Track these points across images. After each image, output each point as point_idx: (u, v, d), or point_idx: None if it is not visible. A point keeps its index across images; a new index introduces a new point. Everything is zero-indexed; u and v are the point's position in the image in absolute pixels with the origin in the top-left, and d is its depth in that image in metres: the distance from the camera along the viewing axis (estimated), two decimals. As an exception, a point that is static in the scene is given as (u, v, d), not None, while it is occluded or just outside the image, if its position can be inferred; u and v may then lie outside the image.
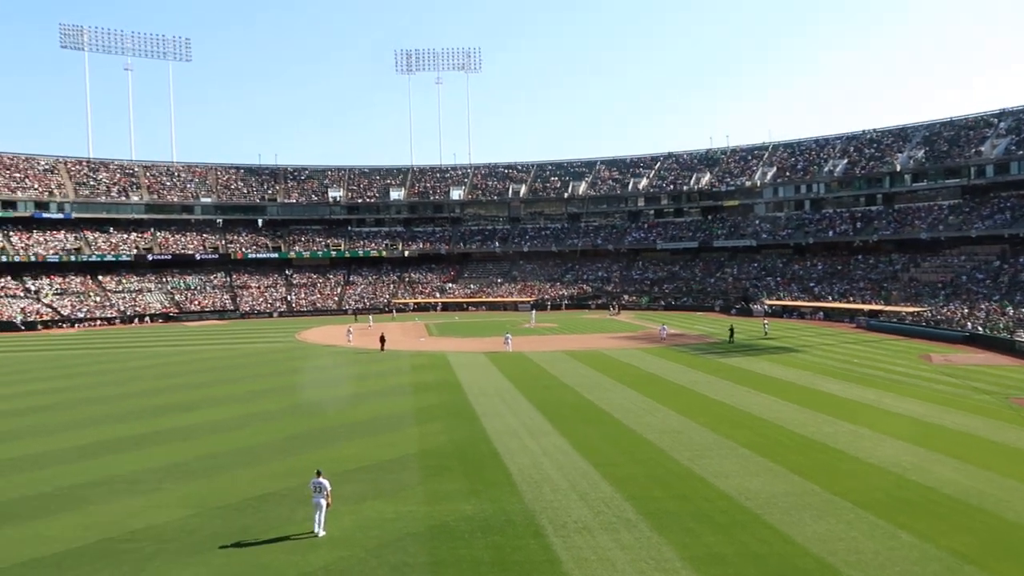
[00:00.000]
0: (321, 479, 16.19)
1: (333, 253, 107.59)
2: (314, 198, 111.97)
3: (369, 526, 16.43)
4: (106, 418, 29.44)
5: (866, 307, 69.16)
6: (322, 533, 15.84)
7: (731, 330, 55.03)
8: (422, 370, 41.73)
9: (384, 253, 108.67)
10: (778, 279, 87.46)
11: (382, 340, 52.30)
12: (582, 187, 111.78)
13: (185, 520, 17.05)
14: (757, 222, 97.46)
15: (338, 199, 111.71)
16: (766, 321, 62.83)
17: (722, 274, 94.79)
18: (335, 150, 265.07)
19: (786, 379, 36.21)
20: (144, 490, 19.53)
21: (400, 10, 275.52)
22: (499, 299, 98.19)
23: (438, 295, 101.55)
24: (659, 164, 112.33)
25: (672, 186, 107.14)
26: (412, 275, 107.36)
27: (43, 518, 17.46)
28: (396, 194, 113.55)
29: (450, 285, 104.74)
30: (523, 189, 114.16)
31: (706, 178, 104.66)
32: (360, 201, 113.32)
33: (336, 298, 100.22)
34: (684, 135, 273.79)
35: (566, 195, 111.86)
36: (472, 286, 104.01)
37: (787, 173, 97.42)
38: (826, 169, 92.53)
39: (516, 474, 20.22)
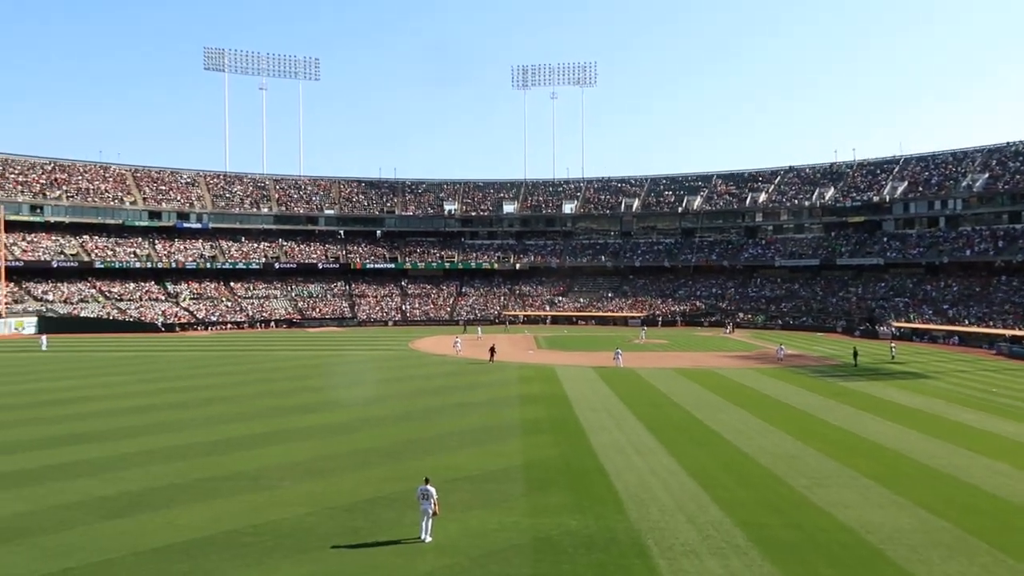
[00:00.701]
0: (428, 487, 16.55)
1: (447, 265, 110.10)
2: (430, 211, 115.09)
3: (474, 535, 16.66)
4: (234, 417, 31.24)
5: (1008, 332, 64.14)
6: (429, 539, 16.18)
7: (855, 352, 52.33)
8: (530, 382, 41.97)
9: (496, 265, 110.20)
10: (907, 300, 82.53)
11: (491, 351, 52.99)
12: (697, 201, 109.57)
13: (301, 518, 17.83)
14: (885, 239, 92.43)
15: (453, 212, 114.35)
16: (893, 344, 59.35)
17: (845, 293, 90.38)
18: (451, 164, 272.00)
19: (914, 406, 34.09)
20: (265, 487, 20.58)
21: (518, 26, 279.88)
22: (609, 314, 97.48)
23: (548, 308, 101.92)
24: (779, 178, 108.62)
25: (793, 201, 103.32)
26: (523, 288, 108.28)
27: (175, 507, 18.70)
28: (509, 207, 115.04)
29: (560, 298, 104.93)
30: (636, 203, 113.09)
31: (830, 193, 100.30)
32: (474, 214, 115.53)
33: (448, 309, 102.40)
34: (806, 148, 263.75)
35: (680, 209, 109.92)
36: (582, 300, 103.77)
37: (920, 188, 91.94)
38: (964, 184, 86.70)
39: (622, 491, 19.98)
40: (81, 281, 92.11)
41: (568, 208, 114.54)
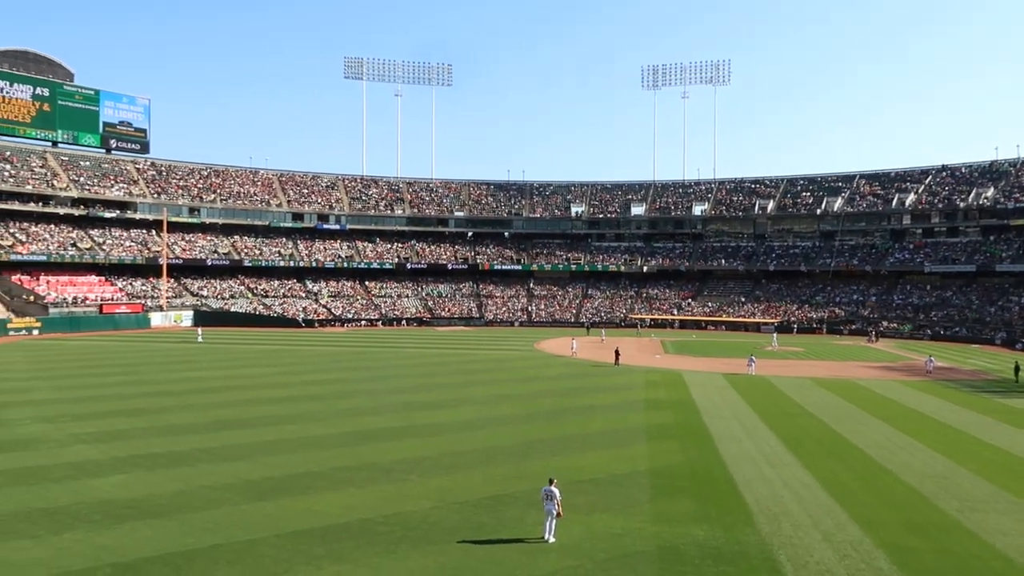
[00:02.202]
0: (553, 487, 16.58)
1: (573, 267, 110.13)
2: (557, 213, 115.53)
3: (598, 539, 16.55)
4: (367, 410, 32.60)
5: None
6: (552, 540, 16.21)
7: (1016, 367, 47.96)
8: (656, 387, 41.26)
9: (622, 268, 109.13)
10: (1080, 311, 74.84)
11: (616, 354, 52.51)
12: (837, 203, 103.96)
13: (428, 511, 18.35)
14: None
15: (580, 214, 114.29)
16: (1062, 359, 53.90)
17: (1006, 302, 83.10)
18: (578, 166, 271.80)
19: (1087, 429, 30.86)
20: (395, 479, 21.32)
21: (648, 26, 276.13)
22: (740, 319, 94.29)
23: (675, 312, 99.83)
24: (929, 178, 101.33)
25: (945, 202, 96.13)
26: (650, 291, 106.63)
27: (313, 494, 19.72)
28: (637, 209, 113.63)
29: (689, 302, 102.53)
30: (770, 205, 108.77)
31: (988, 193, 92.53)
32: (601, 216, 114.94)
33: (574, 311, 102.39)
34: (960, 146, 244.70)
35: (818, 211, 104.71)
36: (711, 304, 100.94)
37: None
38: None
39: (752, 504, 19.26)
40: (232, 278, 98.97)
41: (698, 210, 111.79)
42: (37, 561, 14.87)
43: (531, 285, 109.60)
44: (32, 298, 78.51)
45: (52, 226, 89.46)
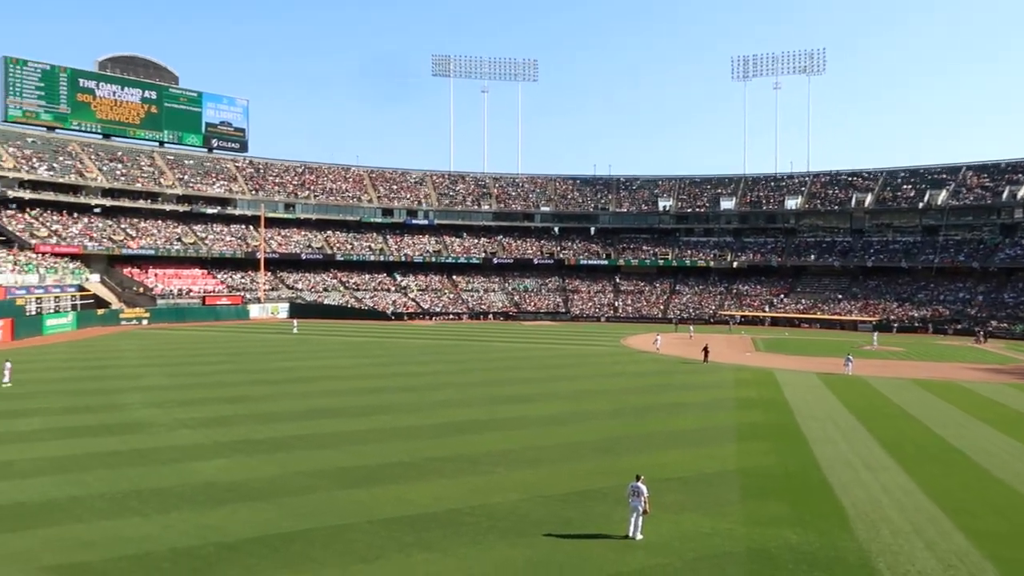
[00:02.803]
0: (640, 484, 16.42)
1: (660, 262, 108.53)
2: (644, 207, 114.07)
3: (686, 537, 16.31)
4: (455, 402, 33.10)
5: None
6: (640, 537, 16.08)
7: None
8: (746, 386, 40.25)
9: (711, 263, 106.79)
10: None
11: (705, 351, 51.48)
12: (942, 196, 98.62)
13: (515, 504, 18.49)
14: None
15: (667, 208, 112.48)
16: None
17: None
18: (666, 160, 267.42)
19: None
20: (482, 471, 21.58)
21: (736, 15, 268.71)
22: (835, 317, 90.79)
23: (767, 309, 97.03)
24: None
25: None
26: (740, 287, 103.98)
27: (404, 483, 20.18)
28: (726, 203, 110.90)
29: (781, 299, 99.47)
30: (868, 198, 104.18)
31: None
32: (689, 210, 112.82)
33: (661, 306, 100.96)
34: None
35: (921, 205, 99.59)
36: (805, 301, 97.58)
37: None
38: None
39: (849, 508, 18.56)
40: (325, 272, 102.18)
41: (791, 204, 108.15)
42: (147, 537, 15.79)
43: (617, 280, 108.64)
44: (142, 290, 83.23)
45: (159, 222, 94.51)
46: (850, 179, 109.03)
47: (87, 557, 14.67)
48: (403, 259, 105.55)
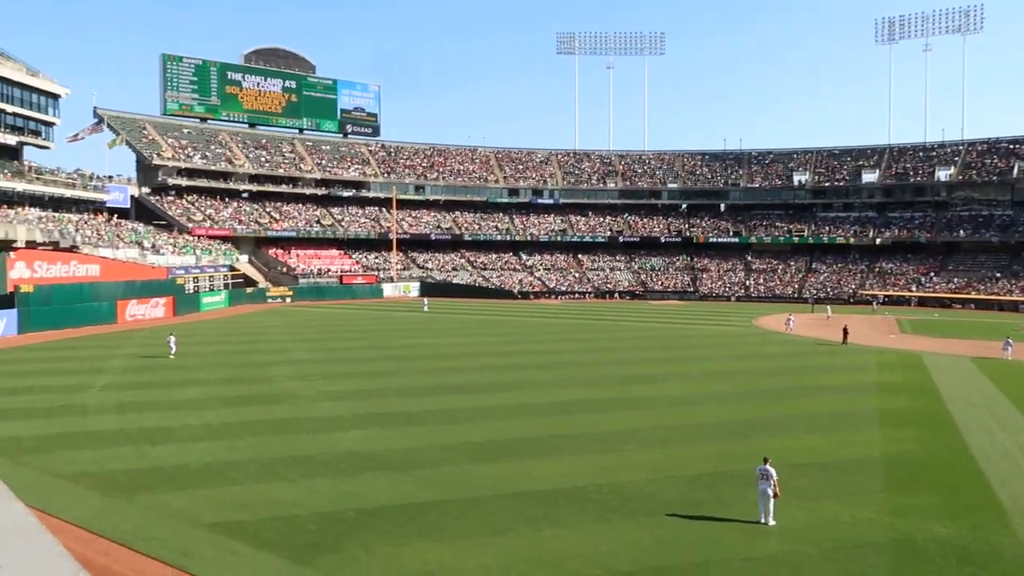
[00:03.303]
0: (768, 467, 15.87)
1: (795, 239, 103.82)
2: (777, 182, 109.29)
3: (822, 525, 15.66)
4: (582, 381, 33.17)
5: None
6: (772, 522, 15.58)
7: None
8: (890, 369, 37.96)
9: (851, 240, 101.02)
10: None
11: (844, 333, 48.93)
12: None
13: (643, 483, 18.36)
14: None
15: (803, 183, 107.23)
16: None
17: None
18: (801, 132, 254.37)
19: None
20: (609, 449, 21.55)
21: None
22: (994, 297, 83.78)
23: (914, 288, 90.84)
24: None
25: None
26: (883, 265, 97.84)
27: (528, 459, 20.49)
28: (868, 176, 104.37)
29: (930, 277, 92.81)
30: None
31: None
32: (827, 184, 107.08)
33: (796, 285, 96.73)
34: None
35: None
36: (957, 280, 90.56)
37: None
38: None
39: (1007, 502, 17.19)
40: (453, 251, 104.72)
41: (942, 175, 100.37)
42: (295, 501, 16.87)
43: (748, 258, 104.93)
44: (285, 270, 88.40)
45: (299, 205, 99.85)
46: (1011, 147, 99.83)
47: (241, 517, 15.85)
48: (528, 238, 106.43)
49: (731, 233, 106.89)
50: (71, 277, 55.71)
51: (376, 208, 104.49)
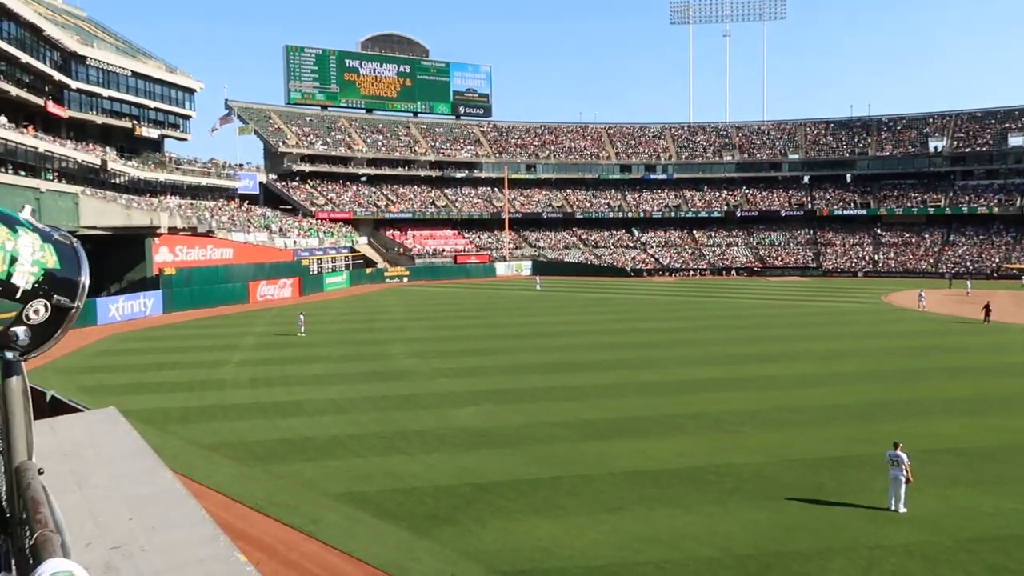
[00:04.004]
0: (899, 452, 15.00)
1: (930, 209, 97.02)
2: (910, 149, 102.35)
3: (960, 515, 14.71)
4: (697, 360, 32.48)
5: None
6: (903, 510, 14.77)
7: None
8: (1040, 349, 35.05)
9: (995, 210, 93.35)
10: None
11: (986, 310, 45.45)
12: None
13: (761, 466, 17.83)
14: None
15: (939, 149, 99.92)
16: None
17: None
18: (937, 95, 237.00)
19: None
20: (726, 430, 21.04)
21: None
22: None
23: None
24: None
25: None
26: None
27: (645, 438, 20.29)
28: (1016, 139, 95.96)
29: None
30: None
31: None
32: (967, 150, 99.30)
33: (930, 259, 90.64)
34: None
35: None
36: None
37: None
38: None
39: None
40: (565, 229, 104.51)
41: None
42: (413, 474, 17.45)
43: (877, 231, 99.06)
44: (402, 250, 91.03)
45: (415, 187, 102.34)
46: None
47: (364, 488, 16.56)
48: (641, 215, 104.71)
49: (858, 205, 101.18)
50: (208, 260, 59.62)
51: (488, 188, 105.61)
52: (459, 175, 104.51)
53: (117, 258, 51.90)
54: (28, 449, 2.00)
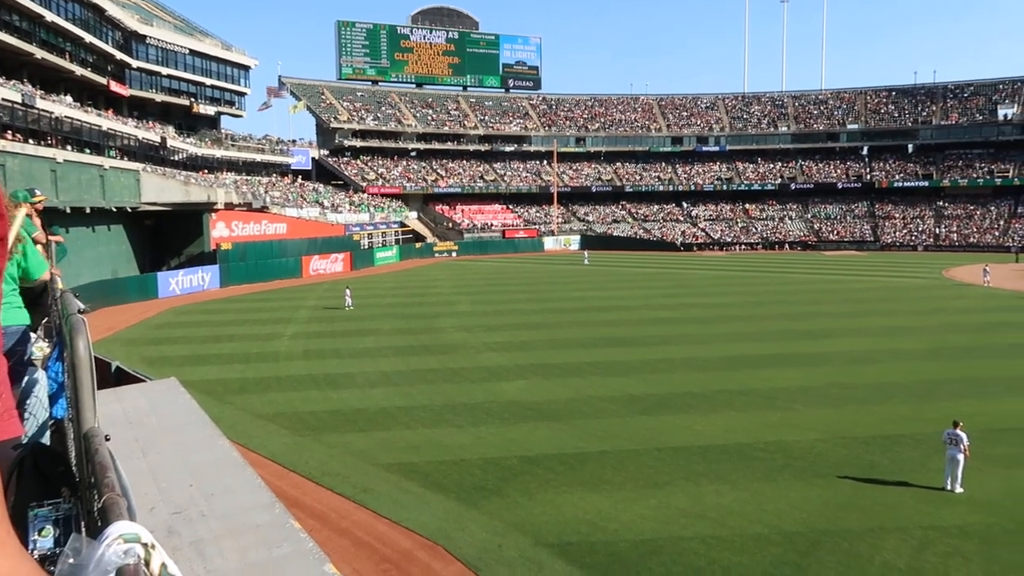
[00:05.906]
0: (958, 431, 14.64)
1: (997, 181, 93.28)
2: (978, 118, 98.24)
3: (1021, 497, 14.34)
4: (749, 335, 32.05)
5: None
6: (960, 490, 14.45)
7: None
8: (1111, 327, 33.63)
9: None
10: None
11: (1055, 285, 43.76)
12: None
13: (813, 443, 17.61)
14: None
15: (1009, 116, 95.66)
16: None
17: None
18: (1008, 58, 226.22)
19: None
20: (777, 407, 20.79)
21: None
22: None
23: None
24: None
25: None
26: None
27: (693, 414, 20.20)
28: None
29: None
30: None
31: None
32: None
33: (997, 232, 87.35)
34: None
35: None
36: None
37: None
38: None
39: None
40: (614, 203, 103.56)
41: None
42: (462, 446, 17.73)
43: (940, 203, 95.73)
44: (451, 225, 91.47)
45: (463, 162, 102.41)
46: None
47: (413, 459, 16.90)
48: (692, 188, 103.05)
49: (920, 176, 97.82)
50: (262, 235, 60.88)
51: (537, 162, 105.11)
52: (508, 149, 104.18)
53: (176, 233, 53.46)
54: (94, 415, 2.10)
